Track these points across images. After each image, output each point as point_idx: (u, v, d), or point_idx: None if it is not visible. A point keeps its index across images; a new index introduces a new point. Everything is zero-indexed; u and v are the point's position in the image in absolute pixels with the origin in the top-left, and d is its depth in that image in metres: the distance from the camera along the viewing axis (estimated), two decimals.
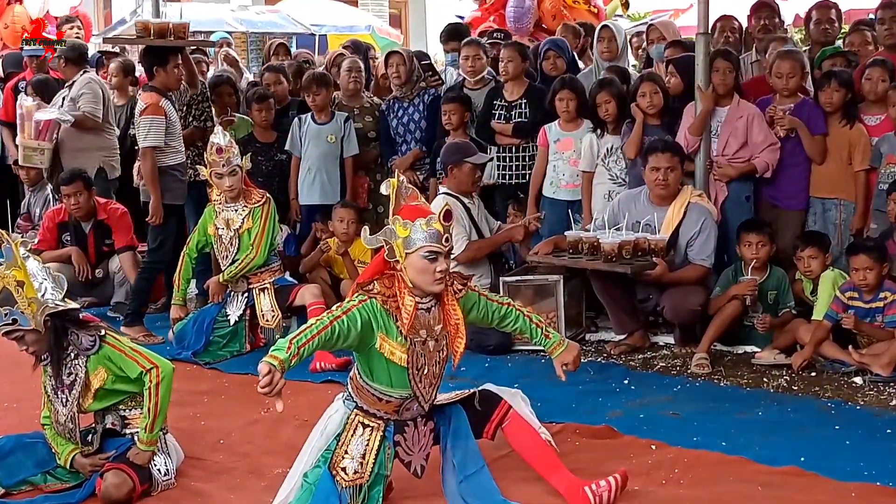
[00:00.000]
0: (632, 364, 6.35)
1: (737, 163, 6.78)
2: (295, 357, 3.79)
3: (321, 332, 3.90)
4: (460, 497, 4.23)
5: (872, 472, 4.49)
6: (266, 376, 3.68)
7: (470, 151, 6.94)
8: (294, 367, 3.84)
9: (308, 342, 3.85)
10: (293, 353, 3.78)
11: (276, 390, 3.70)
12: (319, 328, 3.90)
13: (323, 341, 3.92)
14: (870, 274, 5.88)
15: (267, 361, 3.72)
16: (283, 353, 3.76)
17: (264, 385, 3.67)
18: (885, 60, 6.78)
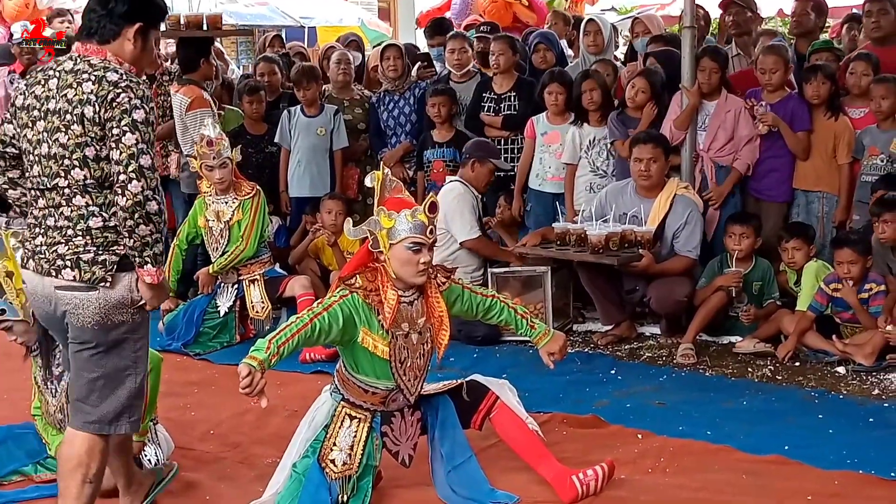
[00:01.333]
0: (618, 354, 6.40)
1: (721, 157, 6.83)
2: (275, 356, 3.81)
3: (301, 329, 3.92)
4: (449, 487, 4.26)
5: (855, 460, 4.54)
6: (246, 377, 3.70)
7: (496, 154, 7.12)
8: (275, 366, 3.85)
9: (288, 341, 3.87)
10: (273, 352, 3.80)
11: (256, 390, 3.72)
12: (300, 326, 3.92)
13: (304, 339, 3.93)
14: (854, 267, 5.94)
15: (246, 363, 3.74)
16: (262, 354, 3.78)
17: (244, 386, 3.70)
18: (870, 54, 6.83)
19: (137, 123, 3.55)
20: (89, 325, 3.69)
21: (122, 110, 3.56)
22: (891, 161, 6.40)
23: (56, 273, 3.67)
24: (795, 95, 6.80)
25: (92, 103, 3.58)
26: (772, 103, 6.75)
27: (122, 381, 3.77)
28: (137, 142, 3.54)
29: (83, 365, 3.76)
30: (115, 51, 3.72)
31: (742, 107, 6.81)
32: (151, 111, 3.62)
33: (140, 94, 3.61)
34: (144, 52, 3.82)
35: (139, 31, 3.75)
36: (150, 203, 3.55)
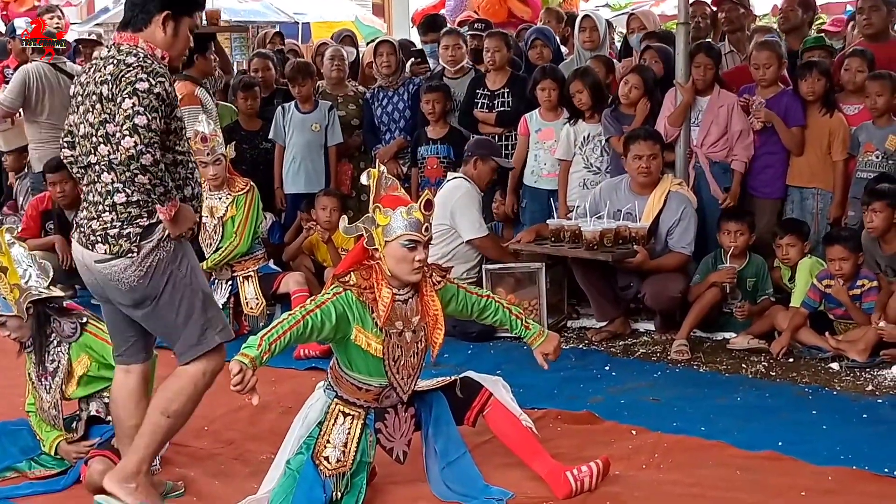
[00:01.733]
0: (613, 350, 6.41)
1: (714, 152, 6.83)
2: (266, 354, 3.80)
3: (293, 327, 3.91)
4: (443, 483, 4.27)
5: (849, 455, 4.55)
6: (237, 375, 3.70)
7: (498, 152, 7.16)
8: (267, 363, 3.85)
9: (280, 338, 3.86)
10: (264, 349, 3.80)
11: (248, 388, 3.72)
12: (291, 323, 3.92)
13: (296, 336, 3.93)
14: (845, 264, 5.95)
15: (238, 360, 3.73)
16: (253, 351, 3.77)
17: (236, 383, 3.70)
18: (865, 50, 6.84)
19: (138, 91, 3.84)
20: (136, 282, 4.03)
21: (128, 82, 3.86)
22: (886, 157, 6.42)
23: (91, 247, 4.05)
24: (789, 91, 6.81)
25: (108, 82, 3.91)
26: (766, 99, 6.76)
27: (188, 309, 4.09)
28: (134, 105, 3.82)
29: (157, 321, 4.15)
30: (148, 38, 4.03)
31: (735, 102, 6.82)
32: (159, 84, 3.89)
33: (150, 70, 3.90)
34: (176, 39, 4.11)
35: (168, 18, 4.03)
36: (143, 156, 3.81)
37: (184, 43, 4.18)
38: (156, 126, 3.87)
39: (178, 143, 4.08)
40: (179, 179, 4.08)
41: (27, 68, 8.46)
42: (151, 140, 3.84)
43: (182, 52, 4.24)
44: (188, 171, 4.15)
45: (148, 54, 3.98)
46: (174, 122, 4.04)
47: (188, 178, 4.13)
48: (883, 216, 5.96)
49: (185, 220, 4.08)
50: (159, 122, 3.89)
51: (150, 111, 3.85)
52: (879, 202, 5.96)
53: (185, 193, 4.11)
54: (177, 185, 4.05)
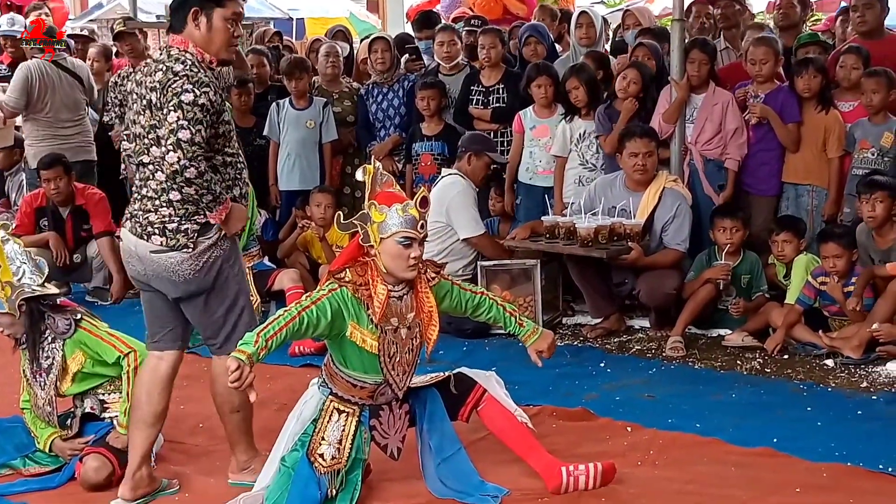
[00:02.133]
0: (608, 347, 6.41)
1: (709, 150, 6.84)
2: (263, 350, 3.79)
3: (289, 323, 3.90)
4: (438, 479, 4.26)
5: (843, 452, 4.56)
6: (235, 371, 3.69)
7: (492, 147, 7.14)
8: (263, 359, 3.84)
9: (276, 334, 3.85)
10: (261, 346, 3.78)
11: (245, 384, 3.71)
12: (287, 319, 3.91)
13: (292, 332, 3.92)
14: (839, 261, 5.96)
15: (235, 356, 3.72)
16: (250, 347, 3.76)
17: (234, 380, 3.69)
18: (860, 48, 6.84)
19: (183, 104, 3.97)
20: (191, 275, 4.20)
21: (174, 93, 4.00)
22: (881, 154, 6.42)
23: (147, 238, 4.18)
24: (785, 88, 6.81)
25: (156, 90, 4.06)
26: (762, 95, 6.77)
27: (230, 306, 4.31)
28: (178, 119, 3.96)
29: (202, 314, 4.33)
30: (188, 38, 4.16)
31: (730, 100, 6.82)
32: (204, 94, 4.01)
33: (196, 80, 4.02)
34: (212, 34, 4.18)
35: (196, 13, 4.15)
36: (187, 170, 3.98)
37: (222, 35, 4.21)
38: (200, 138, 4.00)
39: (227, 144, 4.22)
40: (229, 180, 4.23)
41: (28, 66, 8.45)
42: (195, 154, 3.98)
43: (224, 45, 4.25)
44: (237, 171, 4.29)
45: (196, 60, 4.11)
46: (222, 126, 4.17)
47: (237, 179, 4.27)
48: (884, 206, 5.96)
49: (237, 219, 4.26)
50: (204, 133, 4.02)
51: (195, 124, 3.98)
52: (881, 192, 5.96)
53: (234, 193, 4.26)
54: (226, 185, 4.21)
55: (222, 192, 4.16)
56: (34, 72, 8.36)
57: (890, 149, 6.41)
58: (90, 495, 4.42)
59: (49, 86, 8.40)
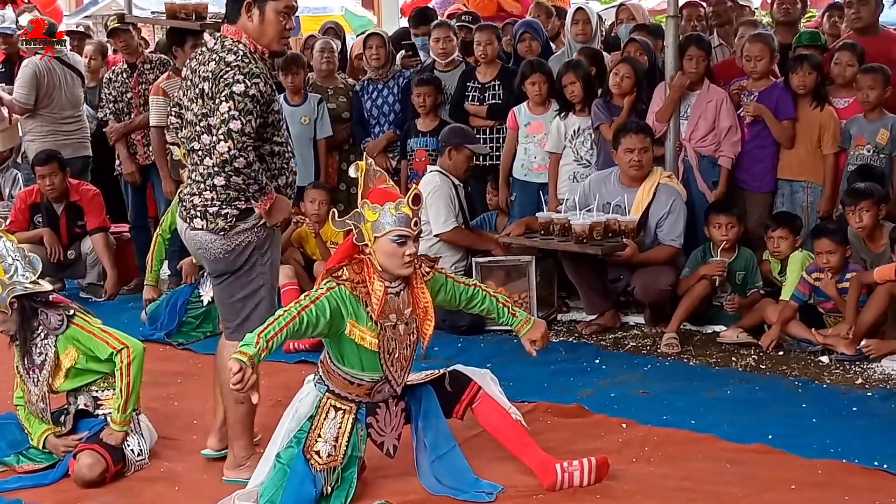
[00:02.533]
0: (603, 344, 6.41)
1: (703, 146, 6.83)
2: (265, 351, 3.78)
3: (289, 323, 3.89)
4: (433, 476, 4.26)
5: (838, 449, 4.56)
6: (237, 374, 3.67)
7: (471, 139, 7.11)
8: (264, 360, 3.82)
9: (277, 335, 3.84)
10: (262, 346, 3.77)
11: (248, 386, 3.70)
12: (287, 319, 3.90)
13: (292, 332, 3.91)
14: (832, 257, 5.96)
15: (237, 358, 3.70)
16: (251, 349, 3.74)
17: (235, 382, 3.68)
18: (855, 44, 6.84)
19: (234, 94, 4.13)
20: (221, 255, 4.36)
21: (226, 84, 4.16)
22: (877, 151, 6.42)
23: (190, 221, 4.38)
24: (780, 84, 6.81)
25: (209, 80, 4.20)
26: (757, 92, 6.77)
27: (251, 293, 4.42)
28: (230, 109, 4.13)
29: (223, 294, 4.50)
30: (241, 28, 4.31)
31: (724, 97, 6.82)
32: (255, 85, 4.16)
33: (247, 71, 4.17)
34: (264, 26, 4.32)
35: (249, 6, 4.28)
36: (237, 160, 4.15)
37: (274, 27, 4.34)
38: (249, 129, 4.16)
39: (276, 133, 4.37)
40: (275, 169, 4.38)
41: (35, 62, 8.46)
42: (245, 144, 4.15)
43: (276, 37, 4.38)
44: (283, 160, 4.43)
45: (249, 51, 4.25)
46: (272, 116, 4.31)
47: (283, 168, 4.42)
48: (870, 214, 5.96)
49: (280, 210, 4.39)
50: (254, 123, 4.18)
51: (245, 114, 4.14)
52: (866, 201, 5.95)
53: (279, 182, 4.40)
54: (272, 174, 4.36)
55: (267, 183, 4.29)
56: (41, 68, 8.37)
57: (886, 145, 6.41)
58: (84, 492, 4.41)
59: (55, 82, 8.42)
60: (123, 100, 8.26)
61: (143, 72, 8.21)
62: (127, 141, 8.23)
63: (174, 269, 7.60)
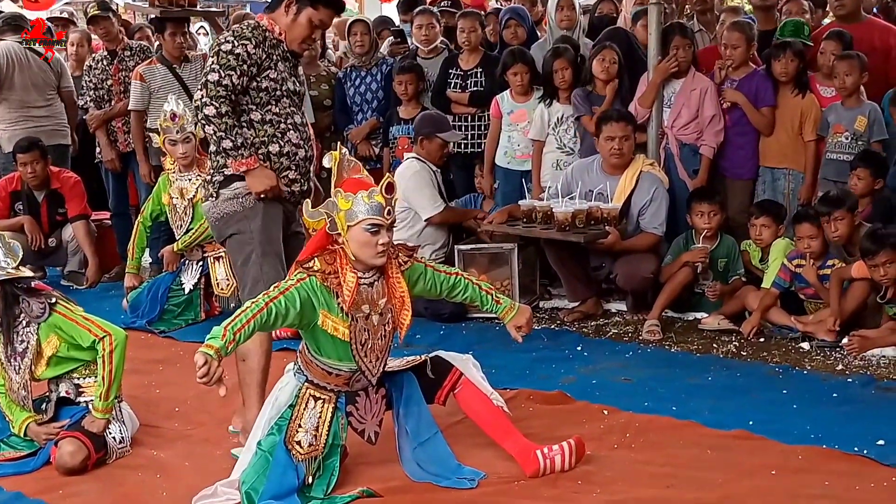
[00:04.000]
0: (584, 331, 6.42)
1: (685, 134, 6.84)
2: (231, 343, 3.74)
3: (257, 314, 3.85)
4: (415, 463, 4.26)
5: (819, 434, 4.58)
6: (202, 367, 3.64)
7: (443, 127, 7.07)
8: (232, 352, 3.80)
9: (244, 327, 3.80)
10: (228, 339, 3.73)
11: (214, 379, 3.66)
12: (255, 311, 3.85)
13: (260, 324, 3.86)
14: (814, 242, 5.98)
15: (203, 352, 3.67)
16: (218, 342, 3.71)
17: (201, 376, 3.64)
18: (842, 33, 6.83)
19: (221, 51, 4.48)
20: (214, 221, 4.70)
21: (217, 44, 4.55)
22: (855, 138, 6.44)
23: None
24: (760, 72, 6.82)
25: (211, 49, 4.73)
26: (736, 79, 6.78)
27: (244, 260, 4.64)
28: (212, 63, 4.47)
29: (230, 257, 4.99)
30: (275, 17, 4.63)
31: (709, 86, 6.82)
32: (241, 45, 4.47)
33: (239, 34, 4.52)
34: (295, 25, 4.62)
35: (290, 3, 4.59)
36: (206, 108, 4.44)
37: (300, 30, 4.64)
38: (228, 83, 4.43)
39: (272, 103, 4.61)
40: (265, 136, 4.60)
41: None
42: (217, 94, 4.42)
43: (299, 39, 4.68)
44: (278, 130, 4.63)
45: (266, 28, 4.60)
46: (265, 82, 4.56)
47: (275, 136, 4.62)
48: (845, 223, 5.95)
49: (260, 179, 4.55)
50: (234, 80, 4.45)
51: (226, 69, 4.43)
52: (839, 210, 5.94)
53: (270, 150, 4.62)
54: (262, 140, 4.59)
55: (245, 146, 4.50)
56: (1, 51, 8.27)
57: (864, 132, 6.43)
58: (65, 479, 4.40)
59: (16, 65, 8.28)
60: (104, 87, 8.22)
61: (124, 59, 8.18)
62: (107, 128, 8.21)
63: (156, 257, 7.58)
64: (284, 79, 4.67)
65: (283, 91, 4.65)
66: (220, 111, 4.44)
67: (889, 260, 5.59)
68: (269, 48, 4.59)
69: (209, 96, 4.43)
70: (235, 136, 4.49)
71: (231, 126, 4.48)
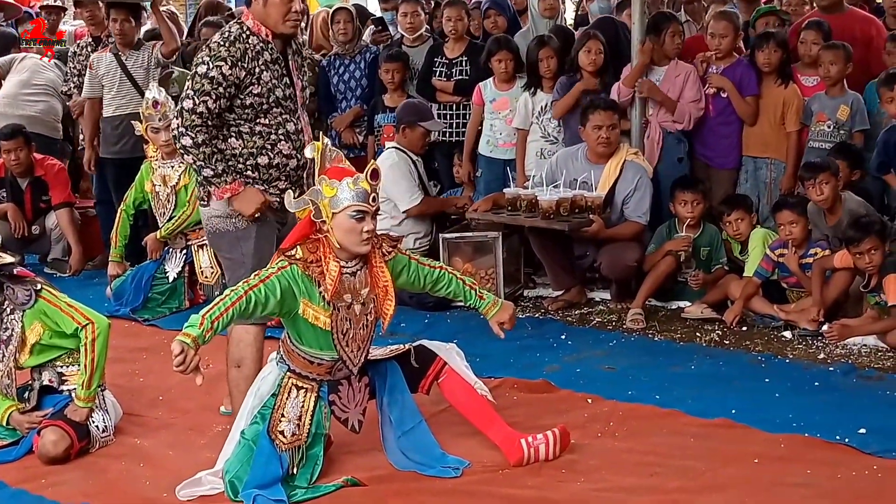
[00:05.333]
0: (568, 319, 6.43)
1: (666, 122, 6.85)
2: (209, 332, 3.73)
3: (236, 302, 3.84)
4: (400, 452, 4.27)
5: (801, 423, 4.60)
6: (179, 356, 3.63)
7: (425, 116, 7.08)
8: (210, 341, 3.78)
9: (222, 315, 3.79)
10: (206, 328, 3.72)
11: (190, 368, 3.65)
12: (234, 299, 3.84)
13: (239, 312, 3.85)
14: (795, 228, 6.00)
15: (180, 340, 3.66)
16: (195, 330, 3.70)
17: (178, 364, 3.63)
18: (821, 22, 6.85)
19: (196, 74, 4.35)
20: (208, 232, 4.67)
21: (195, 64, 4.41)
22: (838, 127, 6.46)
23: None
24: (744, 61, 6.83)
25: None
26: (722, 68, 6.79)
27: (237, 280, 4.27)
28: (188, 87, 4.34)
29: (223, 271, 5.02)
30: (253, 10, 4.45)
31: (691, 71, 6.82)
32: (217, 68, 4.31)
33: (215, 54, 4.34)
34: (267, 8, 4.42)
35: None
36: (183, 138, 4.33)
37: (277, 9, 4.42)
38: (203, 109, 4.30)
39: (260, 116, 4.47)
40: (254, 147, 4.48)
41: None
42: (193, 123, 4.30)
43: (280, 18, 4.44)
44: (268, 141, 4.50)
45: (249, 32, 4.41)
46: (249, 98, 4.42)
47: (264, 148, 4.49)
48: (830, 186, 5.98)
49: (246, 201, 4.47)
50: (209, 105, 4.31)
51: (200, 95, 4.30)
52: (824, 174, 5.98)
53: (259, 161, 4.50)
54: (250, 151, 4.48)
55: (228, 171, 4.40)
56: None
57: (846, 121, 6.45)
58: (48, 468, 4.39)
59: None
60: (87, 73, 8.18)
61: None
62: None
63: None
64: (271, 89, 4.49)
65: (272, 102, 4.49)
66: (196, 141, 4.33)
67: (873, 247, 5.62)
68: (251, 60, 4.40)
69: (184, 126, 4.33)
70: (216, 164, 4.38)
71: (210, 154, 4.37)
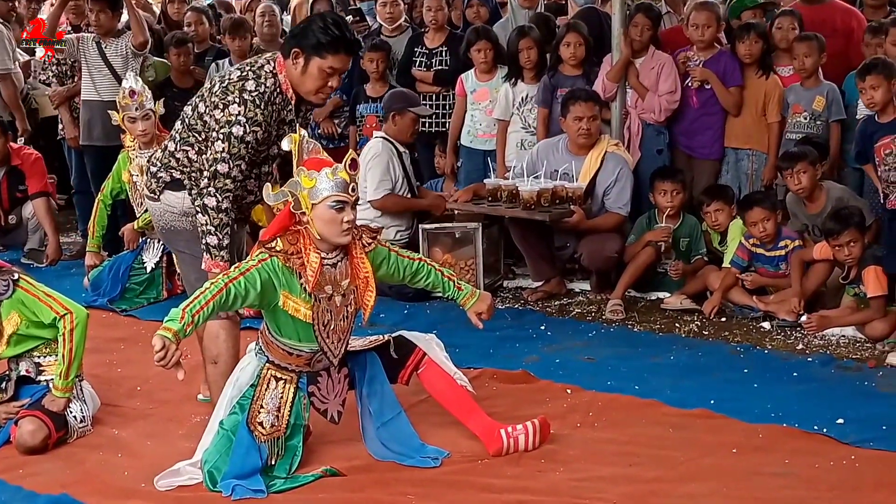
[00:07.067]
0: (548, 310, 6.44)
1: (646, 113, 6.86)
2: (189, 325, 3.73)
3: (216, 295, 3.83)
4: (379, 442, 4.27)
5: (779, 413, 4.62)
6: (160, 351, 3.63)
7: (414, 102, 7.06)
8: (190, 335, 3.78)
9: (202, 308, 3.78)
10: (187, 322, 3.72)
11: (171, 363, 3.66)
12: (214, 292, 3.83)
13: (219, 305, 3.85)
14: (767, 224, 6.02)
15: (160, 335, 3.66)
16: (176, 324, 3.70)
17: (158, 359, 3.63)
18: (794, 11, 6.89)
19: (232, 135, 4.22)
20: (160, 228, 4.64)
21: (227, 121, 4.22)
22: (814, 118, 6.49)
23: None
24: (727, 52, 6.84)
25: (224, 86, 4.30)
26: (703, 60, 6.80)
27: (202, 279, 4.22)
28: (223, 149, 4.22)
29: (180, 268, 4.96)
30: (286, 67, 4.30)
31: (668, 61, 6.83)
32: (253, 133, 4.24)
33: (252, 117, 4.21)
34: (304, 77, 4.29)
35: (297, 54, 4.26)
36: (207, 197, 4.24)
37: (314, 82, 4.29)
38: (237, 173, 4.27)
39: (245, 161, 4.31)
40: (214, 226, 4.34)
41: None
42: (225, 187, 4.25)
43: (313, 91, 4.34)
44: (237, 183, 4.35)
45: (276, 89, 4.29)
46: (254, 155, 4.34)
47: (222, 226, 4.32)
48: (808, 175, 6.01)
49: None
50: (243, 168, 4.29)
51: (235, 159, 4.25)
52: (801, 163, 6.00)
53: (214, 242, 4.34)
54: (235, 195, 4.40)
55: (225, 248, 4.32)
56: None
57: (822, 112, 6.48)
58: (26, 458, 4.37)
59: None
60: (67, 63, 8.13)
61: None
62: (70, 105, 8.11)
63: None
64: (269, 146, 4.41)
65: (262, 158, 4.42)
66: (220, 206, 4.25)
67: (853, 240, 5.64)
68: (274, 122, 4.35)
69: (216, 188, 4.23)
70: (223, 237, 4.29)
71: (224, 224, 4.28)
